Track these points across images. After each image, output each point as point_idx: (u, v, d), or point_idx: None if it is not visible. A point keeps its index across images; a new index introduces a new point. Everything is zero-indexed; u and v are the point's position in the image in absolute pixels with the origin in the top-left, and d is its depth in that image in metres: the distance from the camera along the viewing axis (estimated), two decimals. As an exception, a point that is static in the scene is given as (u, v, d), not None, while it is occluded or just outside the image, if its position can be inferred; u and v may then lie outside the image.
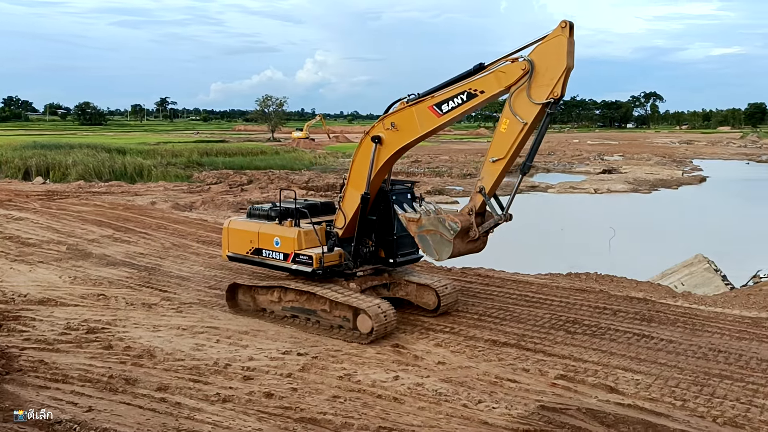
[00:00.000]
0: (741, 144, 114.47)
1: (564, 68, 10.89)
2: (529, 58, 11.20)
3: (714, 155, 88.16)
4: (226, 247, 15.28)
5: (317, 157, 67.53)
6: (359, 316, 13.10)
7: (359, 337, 13.08)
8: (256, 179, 46.13)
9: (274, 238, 14.10)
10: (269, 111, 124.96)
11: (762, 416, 10.07)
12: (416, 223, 12.47)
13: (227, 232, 15.24)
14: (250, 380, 11.10)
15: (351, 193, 13.77)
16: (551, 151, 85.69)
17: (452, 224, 11.91)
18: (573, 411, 10.12)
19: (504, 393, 10.82)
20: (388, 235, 14.08)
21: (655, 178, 53.96)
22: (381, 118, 13.20)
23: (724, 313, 15.56)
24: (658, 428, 9.60)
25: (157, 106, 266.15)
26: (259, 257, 14.52)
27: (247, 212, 15.60)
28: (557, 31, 10.95)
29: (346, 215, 13.84)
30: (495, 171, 11.79)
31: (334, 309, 13.52)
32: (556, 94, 11.04)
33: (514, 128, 11.45)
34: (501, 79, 11.53)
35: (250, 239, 14.60)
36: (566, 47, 10.86)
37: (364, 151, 13.45)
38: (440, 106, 12.23)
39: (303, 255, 13.60)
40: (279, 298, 14.37)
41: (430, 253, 12.43)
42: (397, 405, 10.31)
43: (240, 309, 14.95)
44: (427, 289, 14.62)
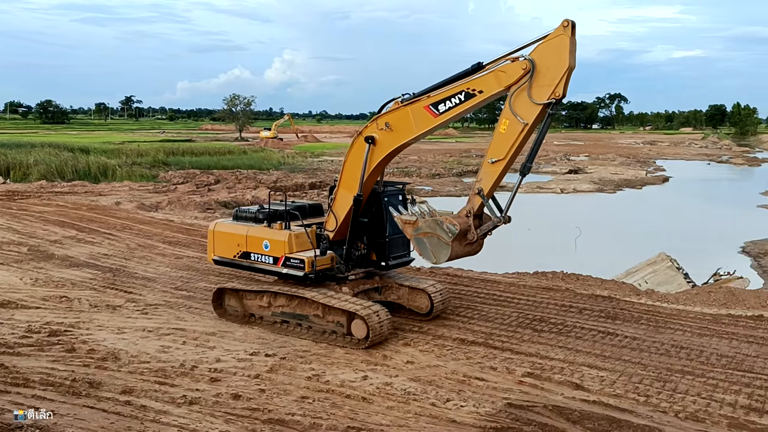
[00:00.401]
0: (702, 145, 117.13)
1: (566, 68, 10.67)
2: (530, 58, 10.93)
3: (676, 156, 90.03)
4: (212, 250, 14.70)
5: (285, 156, 67.13)
6: (354, 321, 12.76)
7: (354, 343, 12.76)
8: (223, 179, 45.70)
9: (263, 241, 13.61)
10: (237, 110, 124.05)
11: (722, 410, 10.32)
12: (413, 226, 12.14)
13: (213, 235, 14.62)
14: (217, 382, 10.99)
15: (342, 195, 13.39)
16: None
17: (450, 227, 11.60)
18: (539, 408, 10.24)
19: (472, 391, 10.89)
20: (380, 237, 13.75)
21: (619, 178, 54.90)
22: (374, 117, 12.85)
23: (685, 311, 15.90)
24: (622, 424, 9.77)
25: (122, 105, 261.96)
26: (247, 261, 14.03)
27: (233, 215, 15.04)
28: (559, 30, 10.70)
29: (338, 217, 13.47)
30: (494, 172, 11.54)
31: (327, 314, 13.16)
32: (558, 95, 10.81)
33: (514, 129, 11.19)
34: (501, 79, 11.24)
35: (237, 242, 14.06)
36: (568, 47, 10.63)
37: (356, 152, 13.09)
38: (437, 106, 11.93)
39: (294, 258, 13.18)
40: (269, 303, 13.93)
41: (427, 256, 12.06)
42: (366, 405, 10.30)
43: (227, 314, 14.48)
44: (420, 292, 14.36)
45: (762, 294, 17.71)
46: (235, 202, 36.44)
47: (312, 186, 44.43)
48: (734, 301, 16.76)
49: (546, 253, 24.25)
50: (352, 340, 12.84)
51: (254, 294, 14.14)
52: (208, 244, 14.96)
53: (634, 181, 55.22)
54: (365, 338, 12.60)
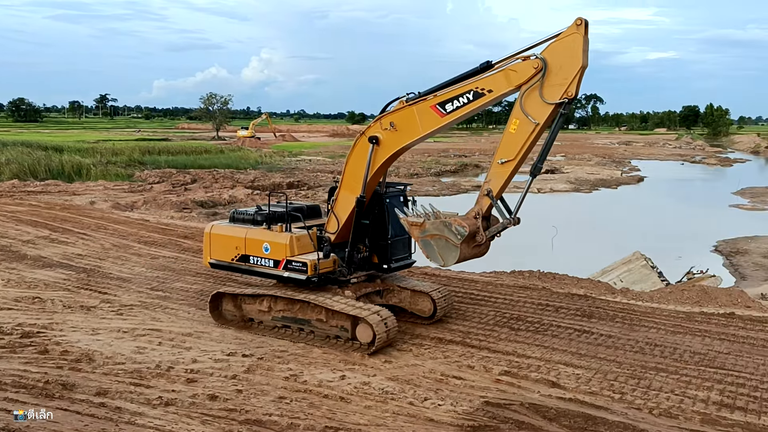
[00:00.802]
0: (676, 145, 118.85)
1: (579, 67, 10.48)
2: (542, 56, 10.69)
3: (651, 156, 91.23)
4: (208, 253, 14.27)
5: (263, 156, 66.80)
6: (359, 325, 12.47)
7: (358, 348, 12.46)
8: (200, 178, 45.33)
9: (263, 243, 13.22)
10: (214, 109, 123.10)
11: (695, 407, 10.48)
12: (419, 228, 11.87)
13: (209, 238, 14.20)
14: (193, 383, 10.90)
15: (344, 196, 13.06)
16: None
17: (459, 229, 11.34)
18: (516, 406, 10.32)
19: (449, 390, 10.93)
20: (383, 239, 13.48)
21: (595, 178, 55.50)
22: (378, 117, 12.52)
23: (659, 308, 16.12)
24: (597, 421, 9.88)
25: (97, 103, 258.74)
26: (245, 264, 13.61)
27: (229, 216, 14.63)
28: (572, 28, 10.47)
29: (339, 219, 13.14)
30: (503, 173, 11.36)
31: (330, 318, 12.84)
32: (571, 94, 10.59)
33: (524, 129, 10.99)
34: (511, 78, 11.01)
35: (235, 245, 13.65)
36: (582, 45, 10.42)
37: (359, 152, 12.77)
38: (444, 106, 11.64)
39: (296, 262, 12.80)
40: (269, 307, 13.55)
41: (434, 258, 11.80)
42: (344, 404, 10.29)
43: (224, 319, 14.13)
44: (422, 295, 14.10)
45: (734, 292, 18.02)
46: (212, 202, 36.21)
47: (290, 185, 44.24)
48: (707, 299, 17.03)
49: (523, 253, 24.41)
50: (357, 345, 12.55)
51: (253, 298, 13.75)
52: (204, 246, 14.53)
53: (609, 180, 55.86)
54: (370, 343, 12.27)
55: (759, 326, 14.71)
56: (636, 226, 34.20)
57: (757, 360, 12.58)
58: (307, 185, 45.11)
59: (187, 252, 21.40)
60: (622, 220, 37.31)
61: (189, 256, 20.76)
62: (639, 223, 35.76)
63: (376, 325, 12.17)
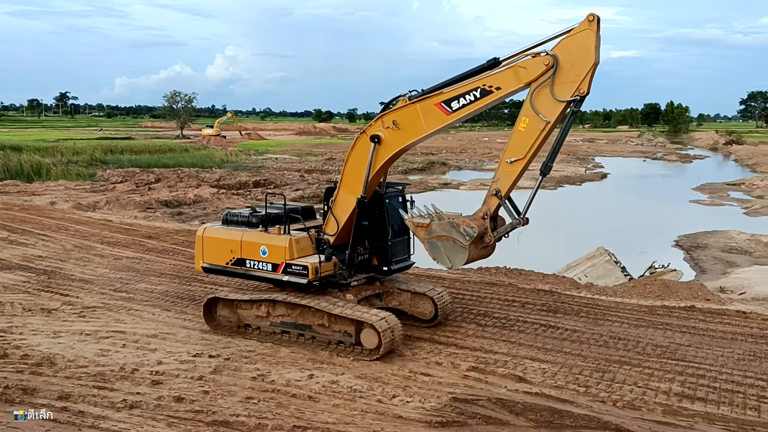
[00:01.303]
0: (638, 142, 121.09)
1: (592, 64, 10.30)
2: (553, 53, 10.48)
3: (614, 153, 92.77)
4: (200, 257, 13.68)
5: (229, 154, 66.16)
6: (364, 330, 12.12)
7: (362, 354, 12.14)
8: (164, 177, 44.68)
9: (261, 247, 12.71)
10: (178, 107, 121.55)
11: (657, 398, 10.70)
12: (425, 229, 11.59)
13: (202, 241, 13.62)
14: (159, 385, 10.74)
15: (344, 197, 12.68)
16: (462, 149, 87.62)
17: (468, 230, 11.09)
18: (484, 401, 10.41)
19: (418, 387, 10.97)
20: (382, 241, 13.15)
21: (560, 175, 56.17)
22: (380, 115, 12.15)
23: (623, 303, 16.41)
24: (563, 414, 10.02)
25: (57, 102, 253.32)
26: (242, 268, 13.05)
27: (222, 218, 14.01)
28: (584, 24, 10.28)
29: (339, 220, 12.77)
30: (512, 172, 11.04)
31: (333, 323, 12.45)
32: (583, 91, 10.40)
33: (534, 127, 10.73)
34: (521, 75, 10.76)
35: (230, 248, 13.09)
36: (594, 42, 10.23)
37: (359, 152, 12.40)
38: (449, 104, 11.33)
39: (296, 265, 12.32)
40: (267, 312, 13.10)
41: (441, 260, 11.58)
42: (312, 403, 10.25)
43: (219, 325, 13.66)
44: (423, 297, 13.77)
45: (694, 285, 18.44)
46: (177, 201, 35.74)
47: (256, 184, 43.90)
48: (668, 293, 17.40)
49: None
50: (361, 350, 12.22)
51: (250, 303, 13.30)
52: (195, 250, 13.88)
53: (573, 177, 56.65)
54: (376, 348, 11.97)
55: (718, 318, 15.09)
56: (600, 222, 34.76)
57: (717, 351, 12.90)
58: (274, 184, 44.81)
59: (152, 252, 21.08)
60: (586, 216, 37.88)
61: (153, 257, 20.46)
62: (603, 218, 36.35)
63: (382, 330, 11.82)
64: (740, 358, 12.55)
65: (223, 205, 35.77)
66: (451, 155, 77.28)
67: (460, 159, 72.90)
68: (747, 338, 13.77)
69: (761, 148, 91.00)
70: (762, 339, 13.73)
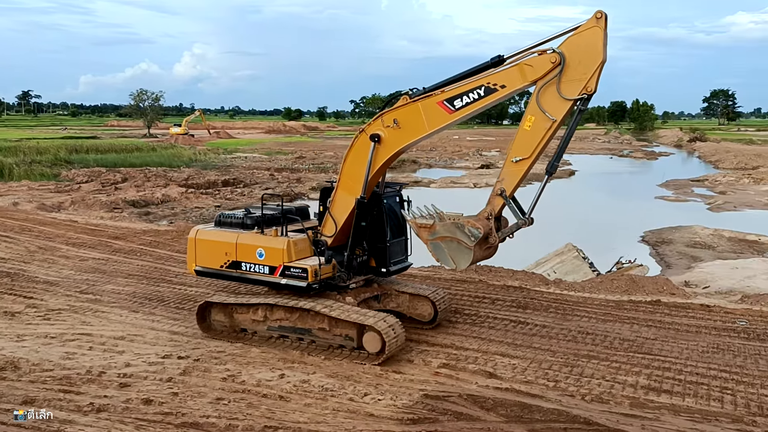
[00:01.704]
0: (605, 140, 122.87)
1: (600, 62, 10.18)
2: (560, 51, 10.32)
3: (582, 150, 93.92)
4: (193, 260, 13.31)
5: (197, 153, 65.41)
6: (366, 333, 11.85)
7: (365, 358, 11.87)
8: (131, 177, 44.01)
9: (257, 249, 12.44)
10: (144, 106, 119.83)
11: (624, 391, 10.88)
12: (429, 230, 11.36)
13: (194, 243, 13.22)
14: (126, 387, 10.58)
15: (342, 197, 12.41)
16: (432, 147, 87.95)
17: (473, 230, 10.91)
18: (455, 397, 10.47)
19: (389, 384, 10.99)
20: (381, 242, 12.92)
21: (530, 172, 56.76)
22: (380, 114, 11.92)
23: (591, 298, 16.66)
24: (533, 409, 10.13)
25: (19, 100, 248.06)
26: (237, 271, 12.76)
27: (215, 220, 13.63)
28: (591, 22, 10.14)
29: (337, 221, 12.49)
30: (518, 172, 10.97)
31: (334, 327, 12.15)
32: (590, 90, 10.28)
33: (540, 126, 10.62)
34: (526, 73, 10.58)
35: (225, 251, 12.77)
36: (602, 39, 10.11)
37: (358, 151, 12.13)
38: (452, 102, 11.12)
39: (295, 268, 12.08)
40: (264, 316, 12.76)
41: (445, 261, 11.35)
42: (283, 403, 10.21)
43: (213, 331, 13.28)
44: (422, 299, 13.62)
45: (659, 280, 18.78)
46: (144, 201, 35.23)
47: (225, 183, 43.49)
48: (635, 288, 17.69)
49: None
50: (363, 354, 11.98)
51: (247, 307, 12.93)
52: (188, 253, 13.47)
53: (541, 175, 57.07)
54: (379, 352, 11.71)
55: (683, 312, 15.40)
56: (568, 219, 35.14)
57: (682, 344, 13.16)
58: (244, 183, 44.44)
59: (119, 253, 20.76)
60: (554, 212, 38.25)
61: (120, 258, 20.15)
62: (571, 215, 36.77)
63: (385, 333, 11.55)
64: (704, 351, 12.83)
65: (191, 204, 35.38)
66: (422, 153, 77.48)
67: (431, 157, 73.15)
68: (711, 331, 14.08)
69: (723, 145, 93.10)
70: (725, 332, 14.05)
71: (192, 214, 32.51)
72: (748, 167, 61.27)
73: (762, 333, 13.92)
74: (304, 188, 42.67)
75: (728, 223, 32.32)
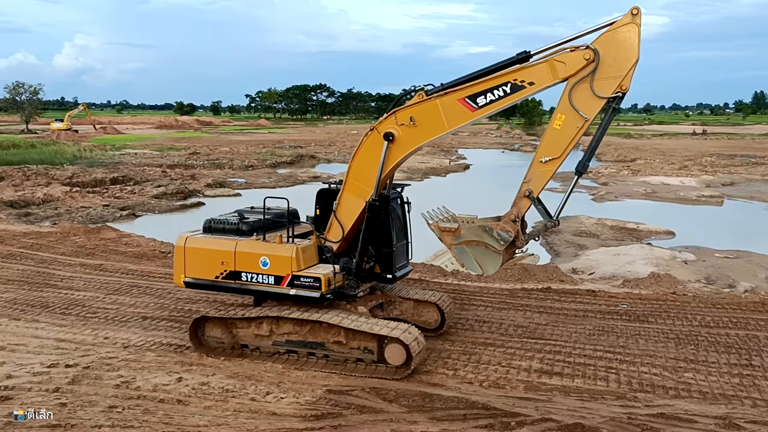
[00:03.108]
0: (498, 134, 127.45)
1: (636, 59, 9.87)
2: (594, 47, 9.96)
3: (476, 145, 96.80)
4: (182, 270, 12.21)
5: (82, 150, 61.94)
6: (389, 346, 11.17)
7: (387, 372, 11.13)
8: (8, 176, 41.02)
9: (261, 257, 11.55)
10: (22, 99, 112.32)
11: (519, 376, 11.36)
12: (453, 234, 11.00)
13: (184, 252, 12.12)
14: (8, 401, 9.90)
15: (349, 200, 11.67)
16: (331, 142, 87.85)
17: (503, 234, 10.58)
18: (358, 391, 10.53)
19: (292, 382, 10.90)
20: (387, 247, 12.30)
21: (426, 167, 57.84)
22: (393, 111, 11.18)
23: (487, 287, 17.24)
24: (434, 398, 10.36)
25: None
26: (236, 282, 11.81)
27: (204, 226, 12.48)
28: (627, 18, 9.79)
29: (344, 226, 11.77)
30: (547, 172, 10.55)
31: (351, 340, 11.42)
32: (625, 88, 10.00)
33: (572, 124, 10.25)
34: (557, 70, 10.19)
35: (221, 260, 11.79)
36: (638, 36, 9.79)
37: (368, 150, 11.39)
38: (475, 99, 10.61)
39: (306, 277, 11.28)
40: (270, 330, 11.85)
41: (471, 267, 11.00)
42: (182, 407, 9.89)
43: (207, 348, 12.24)
44: (427, 305, 13.11)
45: (549, 268, 19.72)
46: (23, 201, 32.98)
47: (114, 181, 41.43)
48: (527, 276, 18.49)
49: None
50: (384, 368, 11.26)
51: (248, 321, 11.98)
52: (175, 263, 12.41)
53: (439, 169, 58.51)
54: (404, 365, 11.10)
55: (571, 298, 16.25)
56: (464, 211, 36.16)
57: (570, 328, 13.89)
58: (134, 180, 42.52)
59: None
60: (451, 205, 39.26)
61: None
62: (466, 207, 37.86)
63: (410, 344, 10.93)
64: (591, 333, 13.61)
65: (77, 204, 33.46)
66: (320, 148, 77.22)
67: (330, 152, 72.98)
68: (596, 315, 14.95)
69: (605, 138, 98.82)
70: (609, 315, 14.96)
71: (78, 215, 30.76)
72: (627, 159, 65.33)
73: (641, 314, 14.93)
74: (199, 185, 41.38)
75: (610, 212, 34.28)
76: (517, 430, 9.29)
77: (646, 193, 42.14)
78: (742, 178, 49.12)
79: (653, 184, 45.67)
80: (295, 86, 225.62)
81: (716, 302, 15.99)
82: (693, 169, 53.82)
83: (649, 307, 15.46)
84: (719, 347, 12.84)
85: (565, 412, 9.84)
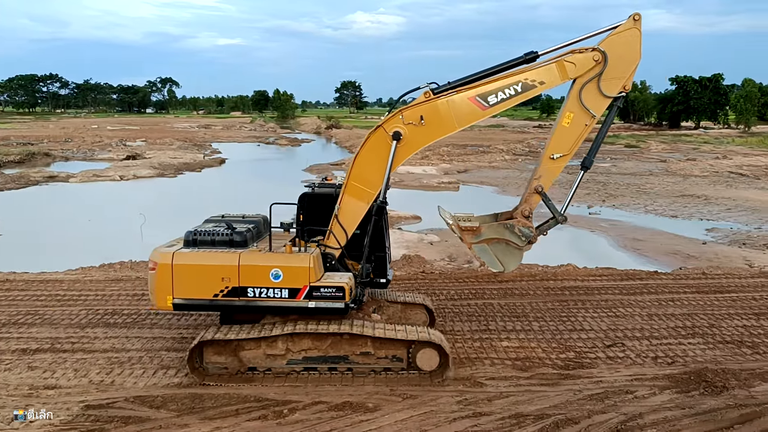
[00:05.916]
0: (252, 128, 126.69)
1: (638, 61, 10.61)
2: (602, 49, 10.56)
3: (230, 139, 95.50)
4: (168, 292, 10.54)
5: None
6: (421, 351, 10.81)
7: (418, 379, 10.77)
8: None
9: (271, 270, 10.42)
10: None
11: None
12: (473, 233, 10.95)
13: (171, 271, 10.46)
14: None
15: (352, 203, 11.11)
16: (68, 137, 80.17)
17: (525, 230, 10.80)
18: (121, 402, 9.99)
19: (43, 402, 9.96)
20: (380, 250, 11.87)
21: (179, 162, 55.64)
22: (399, 110, 10.88)
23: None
24: (204, 397, 10.22)
25: None
26: (241, 299, 10.52)
27: (185, 239, 10.97)
28: (630, 22, 10.55)
29: (348, 231, 11.15)
30: (556, 169, 10.95)
31: (378, 349, 10.86)
32: (628, 88, 10.71)
33: (581, 122, 10.80)
34: (567, 70, 10.68)
35: (221, 276, 10.48)
36: (640, 40, 10.57)
37: (373, 150, 10.96)
38: (486, 98, 10.78)
39: (326, 287, 10.50)
40: (286, 348, 10.84)
41: (492, 264, 10.99)
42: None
43: (206, 375, 10.81)
44: (416, 307, 12.71)
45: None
46: None
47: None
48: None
49: (111, 244, 23.26)
50: (415, 375, 10.93)
51: (258, 342, 10.82)
52: (157, 284, 10.58)
53: (193, 164, 56.59)
54: (437, 369, 10.87)
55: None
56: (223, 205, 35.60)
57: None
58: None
59: None
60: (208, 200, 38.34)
61: None
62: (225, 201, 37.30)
63: (445, 348, 10.78)
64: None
65: None
66: (55, 144, 69.99)
67: (67, 149, 66.47)
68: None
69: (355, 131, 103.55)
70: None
71: None
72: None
73: (396, 294, 16.12)
74: None
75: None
76: (290, 416, 9.57)
77: (394, 182, 45.32)
78: (473, 165, 55.10)
79: (400, 173, 49.26)
80: (20, 76, 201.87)
81: (458, 277, 17.92)
82: (433, 158, 59.04)
83: (403, 286, 16.77)
84: (462, 317, 14.44)
85: (334, 393, 10.36)
